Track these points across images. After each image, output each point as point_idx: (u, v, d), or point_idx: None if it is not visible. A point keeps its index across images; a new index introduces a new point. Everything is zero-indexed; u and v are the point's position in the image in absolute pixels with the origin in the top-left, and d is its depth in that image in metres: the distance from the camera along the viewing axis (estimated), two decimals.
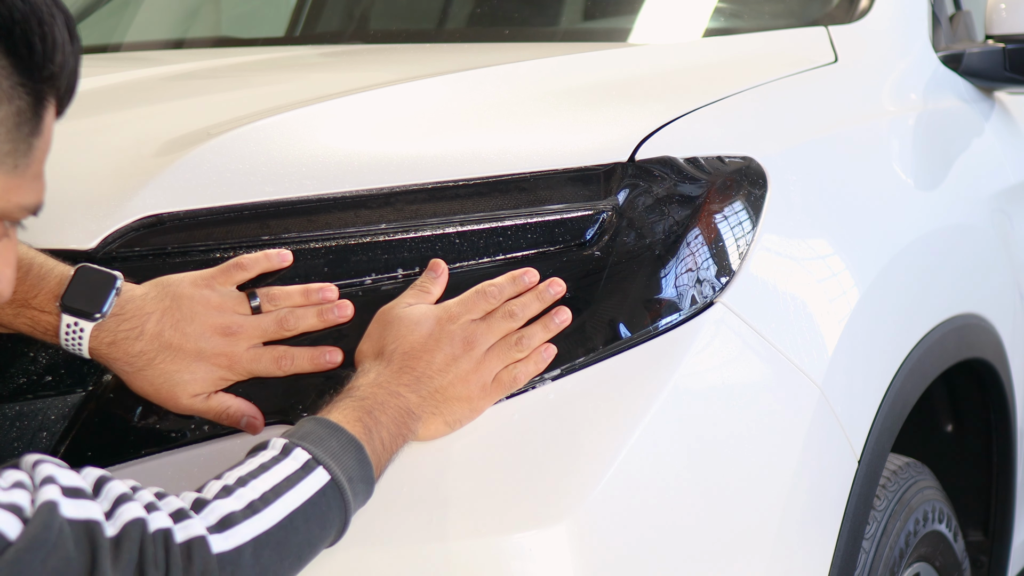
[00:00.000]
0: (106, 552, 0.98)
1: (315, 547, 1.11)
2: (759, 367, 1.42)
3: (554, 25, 2.56)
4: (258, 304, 1.29)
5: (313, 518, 1.10)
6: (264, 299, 1.29)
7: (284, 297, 1.29)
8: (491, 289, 1.28)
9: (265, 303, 1.29)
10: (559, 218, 1.34)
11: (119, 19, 2.98)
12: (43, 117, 1.02)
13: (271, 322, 1.28)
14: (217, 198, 1.34)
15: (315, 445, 1.13)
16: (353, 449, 1.15)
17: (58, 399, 1.29)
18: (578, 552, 1.23)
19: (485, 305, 1.28)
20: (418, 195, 1.35)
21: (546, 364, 1.28)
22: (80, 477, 1.03)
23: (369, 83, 1.71)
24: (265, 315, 1.29)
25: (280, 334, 1.28)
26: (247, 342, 1.27)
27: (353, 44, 2.61)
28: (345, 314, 1.29)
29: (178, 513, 1.04)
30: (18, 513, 0.96)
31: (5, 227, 1.03)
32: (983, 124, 2.28)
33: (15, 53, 0.98)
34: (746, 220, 1.45)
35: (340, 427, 1.16)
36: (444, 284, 1.29)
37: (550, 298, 1.30)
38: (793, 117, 1.74)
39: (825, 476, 1.49)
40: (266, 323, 1.28)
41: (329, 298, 1.29)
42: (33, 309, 1.25)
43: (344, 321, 1.29)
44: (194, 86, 1.98)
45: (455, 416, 1.25)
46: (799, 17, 2.25)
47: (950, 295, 1.89)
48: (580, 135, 1.48)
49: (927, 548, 1.83)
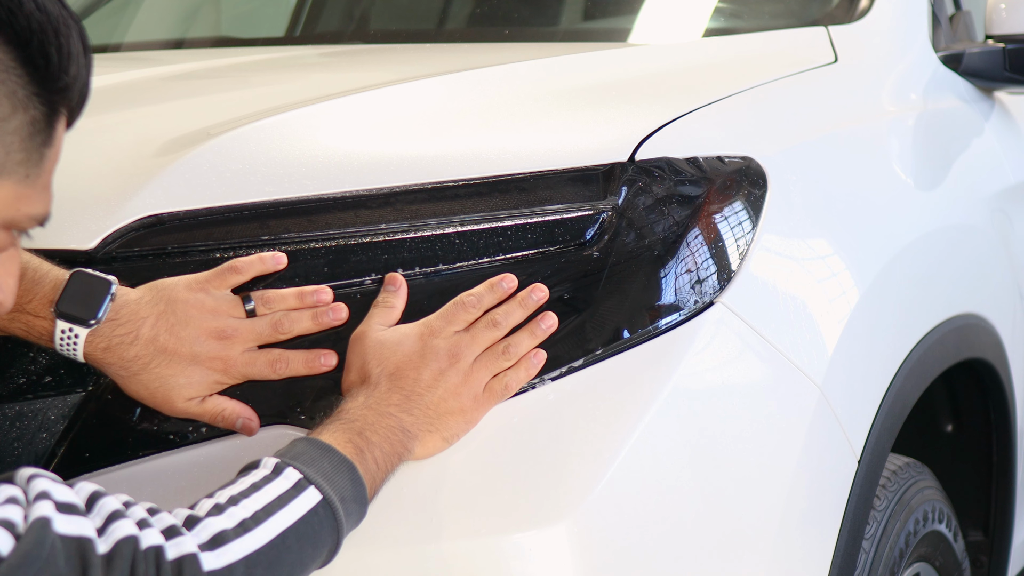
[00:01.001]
0: (97, 570, 0.98)
1: (307, 566, 1.11)
2: (759, 367, 1.42)
3: (554, 25, 2.56)
4: (253, 308, 1.29)
5: (305, 537, 1.10)
6: (259, 302, 1.29)
7: (279, 300, 1.29)
8: (469, 299, 1.28)
9: (260, 306, 1.29)
10: (559, 218, 1.34)
11: (119, 19, 2.98)
12: (55, 128, 1.02)
13: (266, 325, 1.28)
14: (217, 198, 1.34)
15: (307, 465, 1.13)
16: (346, 469, 1.14)
17: (58, 399, 1.29)
18: (578, 552, 1.23)
19: (466, 316, 1.27)
20: (418, 195, 1.35)
21: (537, 370, 1.27)
22: (74, 492, 1.03)
23: (369, 83, 1.71)
24: (260, 319, 1.28)
25: (275, 337, 1.28)
26: (242, 345, 1.27)
27: (353, 44, 2.61)
28: (340, 317, 1.29)
29: (170, 530, 1.04)
30: (11, 529, 0.96)
31: (12, 236, 1.03)
32: (983, 124, 2.28)
33: (32, 63, 0.98)
34: (746, 220, 1.45)
35: (332, 448, 1.15)
36: (405, 296, 1.29)
37: (533, 304, 1.29)
38: (793, 117, 1.74)
39: (825, 476, 1.49)
40: (261, 327, 1.28)
41: (324, 300, 1.29)
42: (27, 314, 1.25)
43: (339, 324, 1.29)
44: (194, 86, 1.98)
45: (452, 431, 1.24)
46: (799, 17, 2.25)
47: (950, 295, 1.89)
48: (580, 135, 1.48)
49: (927, 548, 1.83)
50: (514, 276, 1.29)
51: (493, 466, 1.25)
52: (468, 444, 1.26)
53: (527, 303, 1.29)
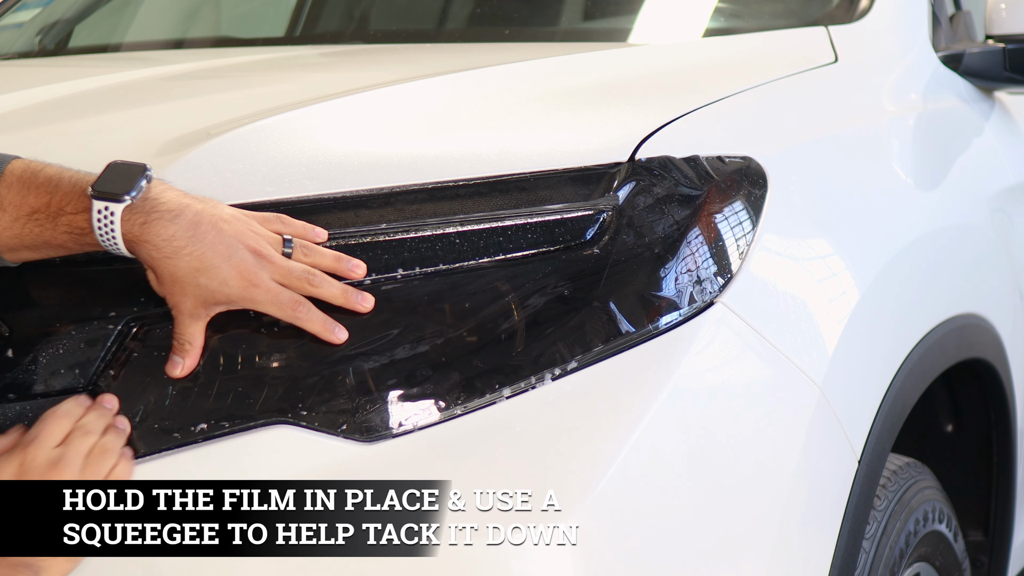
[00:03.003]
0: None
1: None
2: (759, 367, 1.42)
3: (554, 25, 2.56)
4: (291, 252, 1.29)
5: None
6: (298, 248, 1.30)
7: (317, 254, 1.30)
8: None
9: (298, 252, 1.30)
10: (559, 218, 1.34)
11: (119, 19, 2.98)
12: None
13: (300, 270, 1.28)
14: (217, 198, 1.34)
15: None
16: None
17: (58, 398, 1.29)
18: (578, 552, 1.23)
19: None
20: (418, 195, 1.35)
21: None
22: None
23: (369, 83, 1.71)
24: (296, 262, 1.29)
25: (302, 286, 1.28)
26: (272, 272, 1.27)
27: (353, 44, 2.61)
28: (365, 305, 1.29)
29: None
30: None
31: None
32: (983, 124, 2.28)
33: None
34: (746, 220, 1.45)
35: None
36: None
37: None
38: (793, 117, 1.75)
39: (825, 476, 1.49)
40: (295, 268, 1.28)
41: (356, 274, 1.30)
42: (68, 214, 1.26)
43: (362, 312, 1.29)
44: (194, 86, 1.98)
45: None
46: (799, 17, 2.25)
47: (950, 295, 1.89)
48: (580, 135, 1.48)
49: (927, 548, 1.83)
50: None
51: (493, 466, 1.25)
52: (468, 444, 1.26)
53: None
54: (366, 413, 1.27)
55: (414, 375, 1.29)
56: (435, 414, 1.28)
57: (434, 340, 1.30)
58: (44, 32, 2.89)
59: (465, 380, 1.29)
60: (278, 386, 1.29)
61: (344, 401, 1.28)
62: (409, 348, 1.30)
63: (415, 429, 1.27)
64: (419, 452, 1.26)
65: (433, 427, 1.28)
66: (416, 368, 1.29)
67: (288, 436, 1.26)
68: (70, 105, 1.75)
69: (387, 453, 1.26)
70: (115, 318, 1.29)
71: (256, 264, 1.27)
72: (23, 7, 3.09)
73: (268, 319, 1.29)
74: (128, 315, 1.30)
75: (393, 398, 1.28)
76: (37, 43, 2.85)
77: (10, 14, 3.07)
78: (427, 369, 1.29)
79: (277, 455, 1.26)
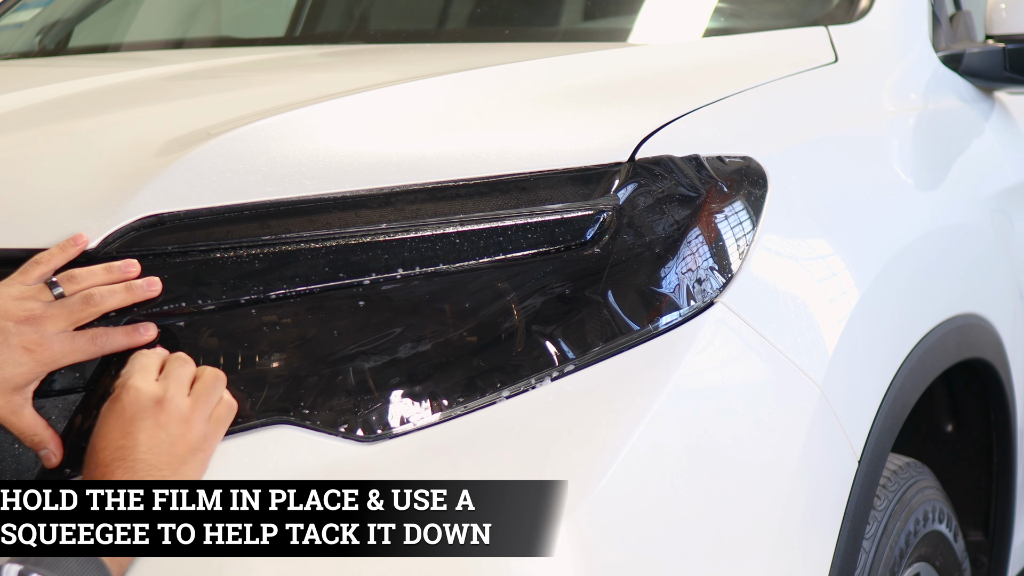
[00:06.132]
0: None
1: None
2: (759, 367, 1.42)
3: (554, 25, 2.56)
4: (61, 292, 1.28)
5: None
6: (65, 282, 1.28)
7: (87, 276, 1.28)
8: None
9: (67, 285, 1.28)
10: (559, 218, 1.34)
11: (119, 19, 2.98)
12: None
13: (77, 301, 1.27)
14: (217, 198, 1.34)
15: (51, 569, 1.12)
16: (93, 567, 1.14)
17: (58, 399, 1.29)
18: (578, 552, 1.23)
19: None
20: (418, 195, 1.35)
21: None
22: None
23: (369, 83, 1.71)
24: (70, 297, 1.27)
25: (88, 312, 1.27)
26: (55, 326, 1.26)
27: (353, 44, 2.61)
28: (154, 289, 1.28)
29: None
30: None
31: None
32: (983, 124, 2.28)
33: None
34: (746, 220, 1.45)
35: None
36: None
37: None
38: (793, 117, 1.75)
39: (825, 476, 1.49)
40: (72, 304, 1.27)
41: (132, 273, 1.29)
42: None
43: (153, 295, 1.28)
44: (194, 86, 1.98)
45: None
46: (799, 17, 2.25)
47: (950, 295, 1.89)
48: (580, 135, 1.48)
49: (927, 548, 1.83)
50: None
51: (493, 466, 1.25)
52: (468, 444, 1.26)
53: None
54: (366, 413, 1.27)
55: (414, 375, 1.29)
56: (435, 414, 1.28)
57: (434, 340, 1.30)
58: (44, 32, 2.90)
59: (465, 380, 1.29)
60: (279, 386, 1.29)
61: (344, 401, 1.28)
62: (409, 348, 1.30)
63: (415, 429, 1.27)
64: (419, 452, 1.26)
65: (433, 427, 1.28)
66: (416, 368, 1.29)
67: (288, 436, 1.26)
68: (70, 105, 1.75)
69: (387, 453, 1.26)
70: (115, 318, 1.29)
71: (36, 331, 1.25)
72: (23, 7, 3.09)
73: (268, 319, 1.29)
74: (128, 315, 1.30)
75: (393, 398, 1.28)
76: (37, 43, 2.85)
77: (10, 14, 3.07)
78: (427, 369, 1.29)
79: (277, 455, 1.26)
